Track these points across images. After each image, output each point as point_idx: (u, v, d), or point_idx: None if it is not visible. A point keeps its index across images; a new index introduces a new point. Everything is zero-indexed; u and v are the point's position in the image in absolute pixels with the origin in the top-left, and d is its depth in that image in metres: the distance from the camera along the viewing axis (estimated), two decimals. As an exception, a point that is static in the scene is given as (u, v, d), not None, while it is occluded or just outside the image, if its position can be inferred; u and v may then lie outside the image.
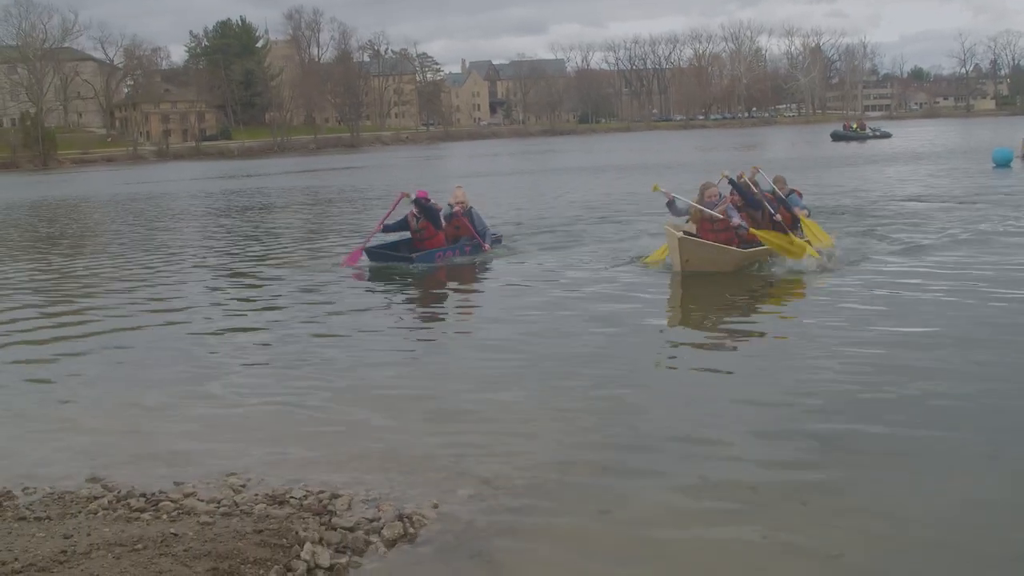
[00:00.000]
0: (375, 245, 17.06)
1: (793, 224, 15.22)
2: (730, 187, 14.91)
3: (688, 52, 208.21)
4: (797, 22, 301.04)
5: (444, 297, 13.84)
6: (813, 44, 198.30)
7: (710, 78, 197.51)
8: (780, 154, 57.06)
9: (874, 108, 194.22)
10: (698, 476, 6.19)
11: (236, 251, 20.51)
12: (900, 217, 20.43)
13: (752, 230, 14.30)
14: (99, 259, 20.33)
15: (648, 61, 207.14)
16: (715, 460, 6.49)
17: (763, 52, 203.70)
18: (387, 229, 17.16)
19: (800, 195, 16.79)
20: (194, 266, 18.27)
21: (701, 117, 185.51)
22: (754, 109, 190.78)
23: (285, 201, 37.26)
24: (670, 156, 61.37)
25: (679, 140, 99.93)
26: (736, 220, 14.43)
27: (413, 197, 16.40)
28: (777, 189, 15.94)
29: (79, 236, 27.61)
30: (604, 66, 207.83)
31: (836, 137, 73.18)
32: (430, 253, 16.33)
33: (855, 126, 77.15)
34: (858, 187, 29.44)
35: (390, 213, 17.14)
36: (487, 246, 17.01)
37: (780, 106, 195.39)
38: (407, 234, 17.07)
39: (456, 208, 17.23)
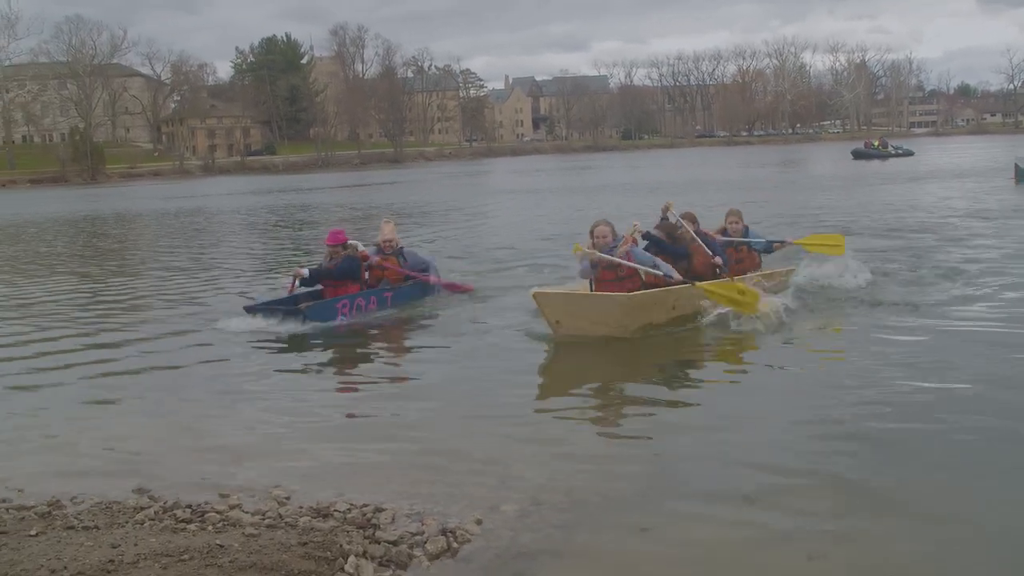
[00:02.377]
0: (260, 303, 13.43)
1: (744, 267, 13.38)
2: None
3: (732, 68, 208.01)
4: (840, 38, 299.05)
5: (500, 311, 13.66)
6: (858, 60, 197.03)
7: (754, 94, 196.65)
8: (790, 175, 56.57)
9: (920, 124, 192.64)
10: (741, 494, 6.14)
11: (275, 264, 20.66)
12: (900, 233, 20.26)
13: (699, 284, 11.88)
14: (141, 273, 20.54)
15: (692, 77, 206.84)
16: (759, 478, 6.44)
17: (807, 68, 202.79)
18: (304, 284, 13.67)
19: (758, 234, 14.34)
20: (234, 279, 18.43)
21: (745, 133, 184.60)
22: (798, 125, 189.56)
23: (326, 217, 37.46)
24: (713, 173, 61.09)
25: (722, 157, 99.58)
26: (716, 260, 12.66)
27: (306, 272, 13.30)
28: (729, 227, 13.80)
29: (123, 251, 27.92)
30: (647, 82, 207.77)
31: (857, 155, 71.84)
32: (327, 304, 13.00)
33: (876, 144, 75.77)
34: (862, 205, 28.94)
35: (292, 289, 13.55)
36: (435, 277, 14.42)
37: (824, 122, 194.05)
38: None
39: (385, 245, 14.15)
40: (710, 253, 12.69)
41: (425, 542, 5.41)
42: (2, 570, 4.77)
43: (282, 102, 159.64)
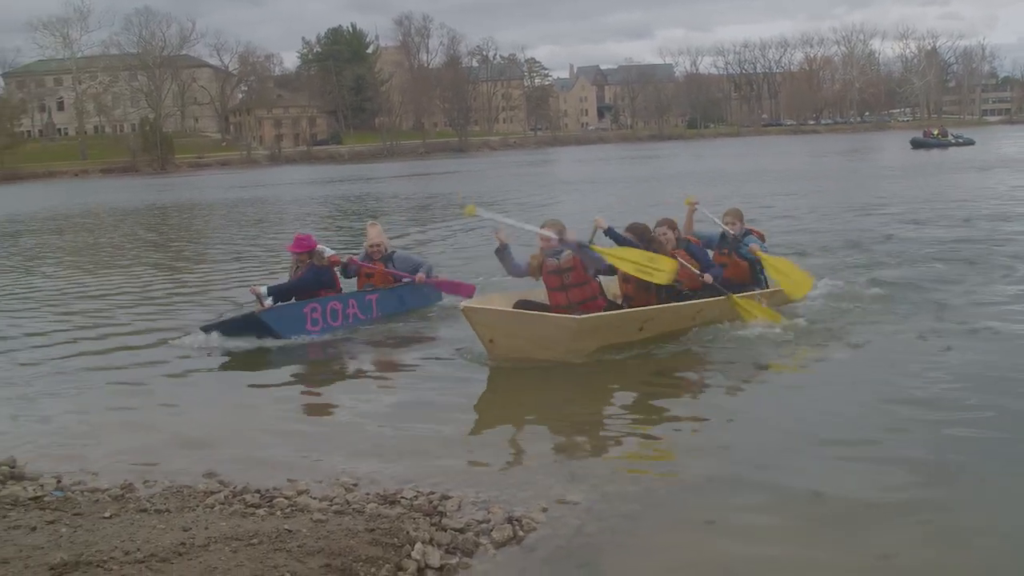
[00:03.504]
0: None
1: (753, 276, 11.77)
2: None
3: (799, 56, 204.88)
4: (910, 24, 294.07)
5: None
6: (929, 47, 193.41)
7: (821, 82, 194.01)
8: (842, 163, 55.68)
9: (993, 112, 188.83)
10: (811, 489, 6.05)
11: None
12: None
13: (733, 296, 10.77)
14: (206, 262, 20.80)
15: (758, 65, 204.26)
16: (830, 473, 6.35)
17: (876, 55, 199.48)
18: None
19: (763, 238, 12.36)
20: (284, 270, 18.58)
21: (812, 122, 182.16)
22: (867, 113, 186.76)
23: (386, 207, 37.66)
24: (777, 162, 60.37)
25: (789, 145, 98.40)
26: (710, 274, 10.84)
27: (264, 291, 11.64)
28: (728, 228, 11.90)
29: (190, 240, 28.28)
30: (713, 70, 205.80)
31: (916, 144, 70.14)
32: (292, 309, 11.56)
33: (936, 132, 73.98)
34: (914, 197, 28.36)
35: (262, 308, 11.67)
36: (419, 276, 12.64)
37: (894, 110, 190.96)
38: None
39: (372, 250, 12.77)
40: (695, 272, 10.83)
41: (491, 530, 5.43)
42: (78, 551, 4.87)
43: (348, 92, 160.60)
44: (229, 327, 11.31)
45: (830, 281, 13.02)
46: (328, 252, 12.27)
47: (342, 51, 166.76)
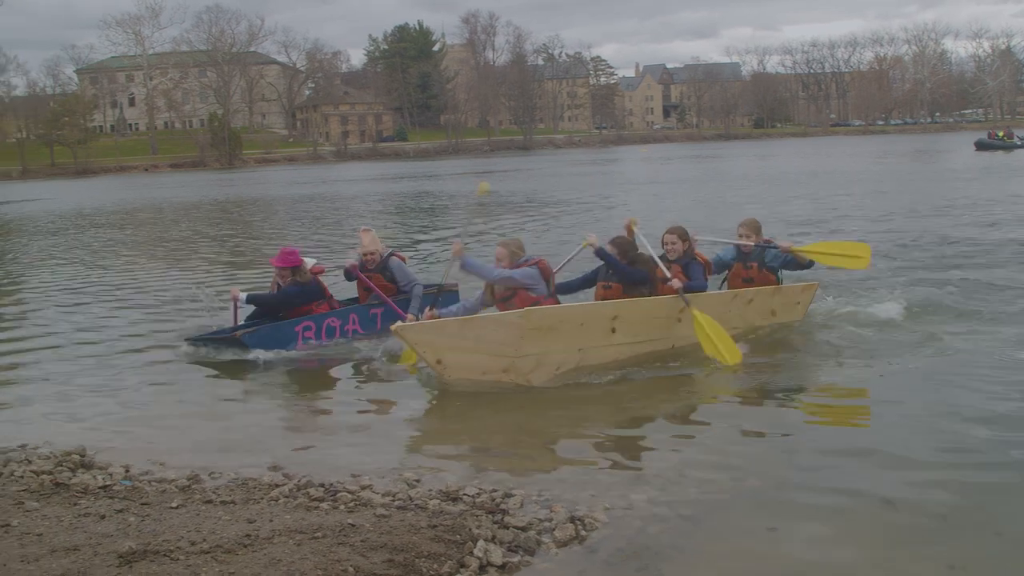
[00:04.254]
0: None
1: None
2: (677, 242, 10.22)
3: (868, 55, 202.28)
4: (984, 23, 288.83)
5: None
6: (1003, 46, 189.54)
7: (891, 82, 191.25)
8: (915, 166, 54.67)
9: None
10: (880, 497, 5.94)
11: (406, 246, 20.88)
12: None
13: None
14: (261, 259, 20.97)
15: (826, 64, 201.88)
16: (899, 480, 6.23)
17: (948, 55, 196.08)
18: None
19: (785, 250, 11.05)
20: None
21: (881, 122, 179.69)
22: (938, 114, 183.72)
23: (445, 204, 37.78)
24: (843, 163, 59.61)
25: (858, 146, 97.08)
26: (678, 281, 9.84)
27: (243, 298, 11.01)
28: (743, 242, 11.02)
29: (248, 236, 28.57)
30: (780, 69, 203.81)
31: (981, 146, 67.73)
32: (280, 329, 10.79)
33: (1001, 134, 71.80)
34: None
35: (236, 318, 11.22)
36: (408, 316, 10.55)
37: (966, 111, 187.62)
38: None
39: (366, 259, 11.74)
40: (667, 274, 9.93)
41: (553, 529, 5.41)
42: (146, 539, 4.93)
43: (414, 89, 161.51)
44: (212, 343, 10.70)
45: (889, 289, 12.82)
46: (310, 263, 11.33)
47: (409, 48, 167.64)
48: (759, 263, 10.89)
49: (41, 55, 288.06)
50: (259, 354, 10.39)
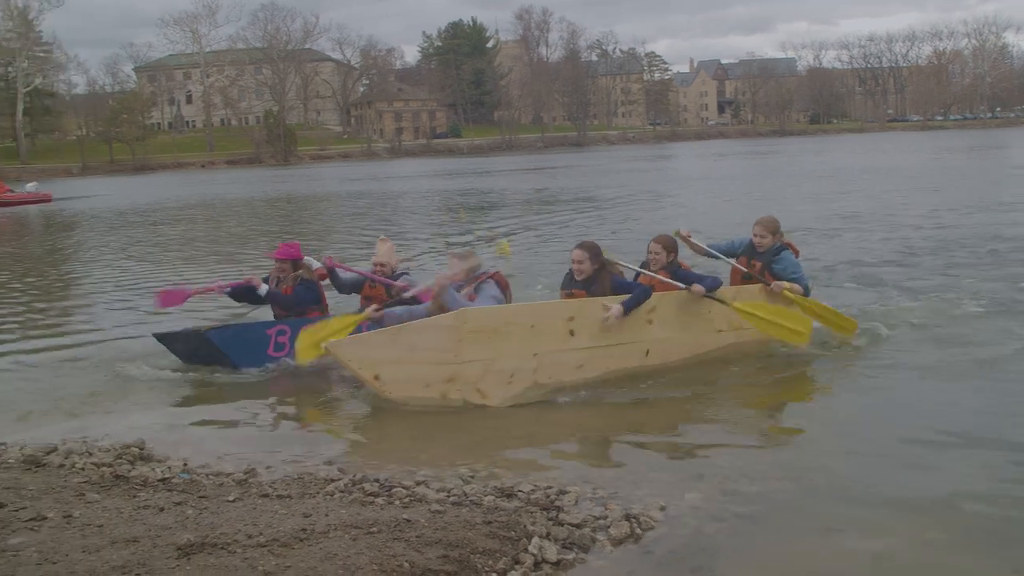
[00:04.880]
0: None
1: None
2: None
3: (927, 49, 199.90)
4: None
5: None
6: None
7: (950, 76, 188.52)
8: (985, 163, 53.75)
9: None
10: (944, 500, 5.83)
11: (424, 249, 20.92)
12: None
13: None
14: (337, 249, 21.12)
15: (883, 59, 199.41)
16: (964, 483, 6.10)
17: (1009, 48, 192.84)
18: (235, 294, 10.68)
19: (797, 253, 10.28)
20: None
21: (939, 118, 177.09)
22: (998, 109, 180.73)
23: (496, 200, 37.79)
24: (900, 158, 58.77)
25: (916, 141, 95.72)
26: (700, 285, 9.29)
27: (264, 291, 10.29)
28: (756, 242, 10.09)
29: (301, 233, 28.75)
30: (837, 64, 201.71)
31: None
32: (250, 330, 10.17)
33: None
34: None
35: (229, 285, 10.67)
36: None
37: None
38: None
39: (376, 269, 10.46)
40: (680, 286, 9.29)
41: (608, 526, 5.39)
42: (203, 532, 4.98)
43: (467, 85, 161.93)
44: (175, 340, 10.14)
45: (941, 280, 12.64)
46: (315, 264, 10.57)
47: (462, 45, 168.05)
48: (764, 264, 9.98)
49: (101, 54, 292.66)
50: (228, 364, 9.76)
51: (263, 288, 10.24)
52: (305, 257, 10.58)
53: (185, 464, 6.79)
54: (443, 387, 8.10)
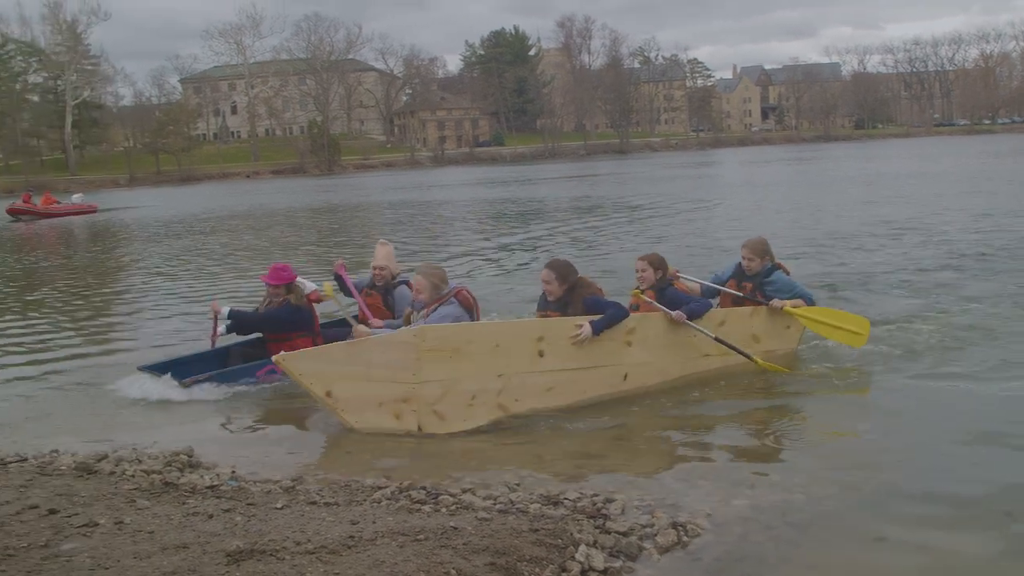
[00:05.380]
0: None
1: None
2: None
3: (973, 52, 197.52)
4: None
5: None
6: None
7: (998, 80, 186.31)
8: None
9: None
10: (1002, 508, 5.74)
11: (461, 261, 20.94)
12: None
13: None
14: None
15: (929, 63, 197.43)
16: (1019, 492, 6.02)
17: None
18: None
19: (787, 272, 9.94)
20: (496, 271, 18.77)
21: (987, 121, 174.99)
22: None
23: (538, 208, 37.77)
24: (950, 164, 58.07)
25: (964, 146, 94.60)
26: (682, 311, 8.90)
27: (225, 313, 9.69)
28: (745, 264, 9.84)
29: (340, 244, 28.88)
30: (881, 69, 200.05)
31: None
32: (239, 377, 9.60)
33: None
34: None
35: (215, 336, 10.07)
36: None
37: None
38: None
39: (375, 273, 10.34)
40: (663, 309, 8.94)
41: (655, 534, 5.37)
42: (252, 539, 5.01)
43: (510, 94, 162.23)
44: (160, 374, 9.62)
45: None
46: (309, 287, 10.11)
47: (504, 53, 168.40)
48: (755, 284, 9.74)
49: (147, 66, 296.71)
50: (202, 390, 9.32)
51: (224, 311, 9.65)
52: (298, 279, 10.11)
53: (233, 471, 6.84)
54: (397, 407, 7.66)
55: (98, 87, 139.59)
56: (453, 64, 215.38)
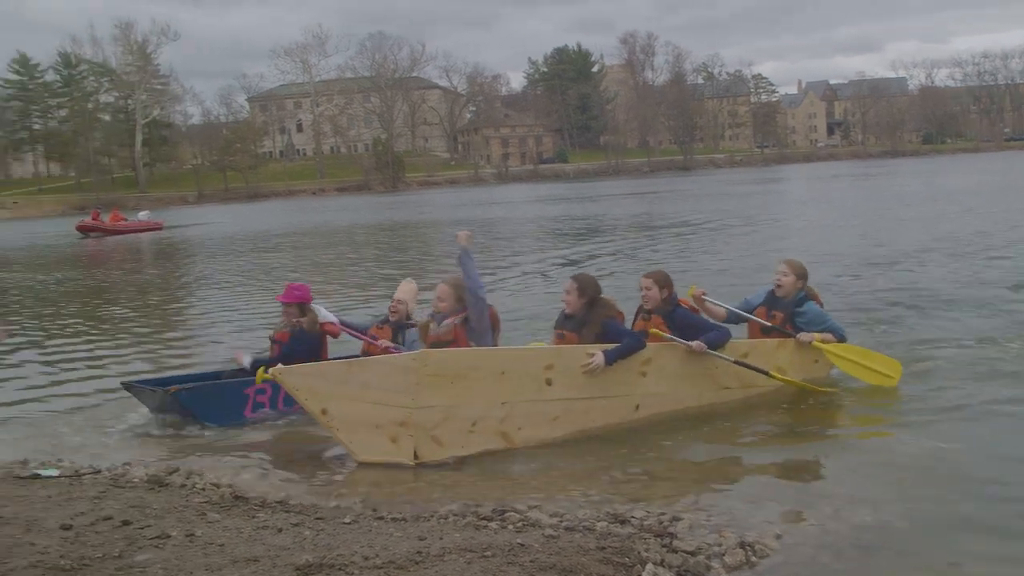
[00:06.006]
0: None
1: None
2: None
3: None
4: None
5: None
6: None
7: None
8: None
9: None
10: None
11: (522, 284, 20.92)
12: None
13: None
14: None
15: (999, 76, 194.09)
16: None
17: None
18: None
19: (820, 303, 9.66)
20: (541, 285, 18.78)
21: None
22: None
23: (607, 224, 37.68)
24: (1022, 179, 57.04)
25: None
26: (701, 340, 8.52)
27: (248, 363, 9.18)
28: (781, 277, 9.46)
29: (396, 262, 29.03)
30: (950, 83, 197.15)
31: None
32: (228, 391, 9.22)
33: None
34: None
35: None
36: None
37: None
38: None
39: (392, 307, 9.71)
40: (676, 340, 8.52)
41: (723, 554, 5.32)
42: (321, 553, 5.06)
43: (573, 110, 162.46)
44: (146, 393, 9.33)
45: None
46: (325, 316, 9.70)
47: (567, 70, 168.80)
48: (786, 314, 9.37)
49: (215, 85, 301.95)
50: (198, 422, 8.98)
51: (246, 360, 9.32)
52: (314, 303, 9.80)
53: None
54: (394, 430, 7.39)
55: (167, 106, 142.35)
56: (516, 81, 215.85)
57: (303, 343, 9.28)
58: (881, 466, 7.14)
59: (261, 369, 7.51)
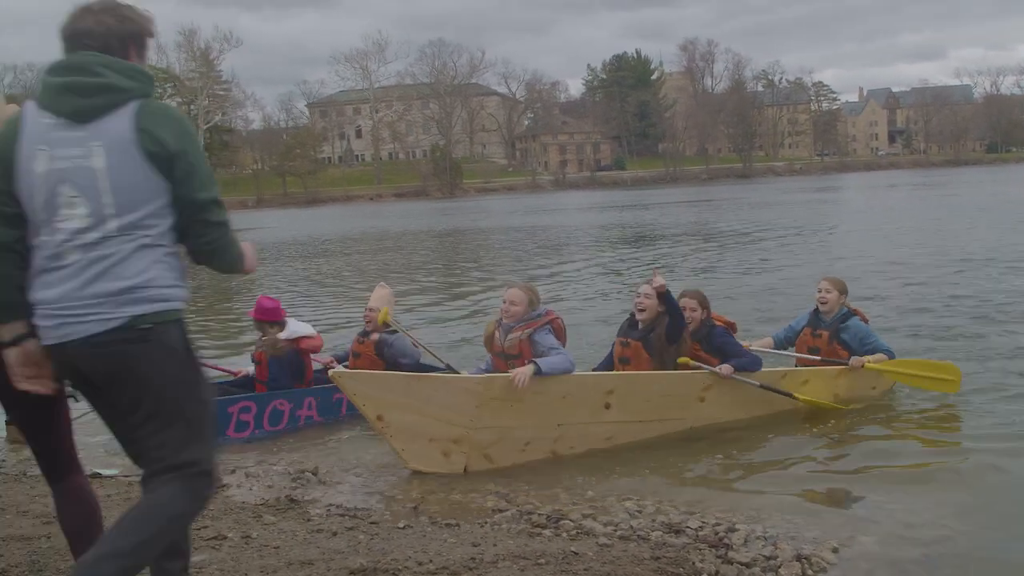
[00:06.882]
0: None
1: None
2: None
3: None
4: None
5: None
6: None
7: None
8: None
9: None
10: None
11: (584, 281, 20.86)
12: None
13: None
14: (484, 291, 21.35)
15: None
16: None
17: None
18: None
19: (866, 320, 9.54)
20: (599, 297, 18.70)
21: None
22: None
23: (660, 233, 37.53)
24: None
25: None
26: (729, 364, 8.37)
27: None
28: (820, 303, 9.33)
29: (448, 270, 29.09)
30: (1016, 91, 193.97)
31: None
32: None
33: None
34: None
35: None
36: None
37: None
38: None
39: (367, 315, 9.44)
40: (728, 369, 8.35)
41: (779, 567, 5.25)
42: (375, 557, 5.08)
43: (632, 117, 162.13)
44: None
45: None
46: (301, 330, 9.35)
47: (626, 77, 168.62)
48: (831, 333, 9.23)
49: (275, 90, 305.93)
50: None
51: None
52: (289, 319, 9.48)
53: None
54: (447, 446, 7.41)
55: (229, 111, 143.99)
56: (575, 88, 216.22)
57: (283, 369, 9.20)
58: (943, 482, 7.01)
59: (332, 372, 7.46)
